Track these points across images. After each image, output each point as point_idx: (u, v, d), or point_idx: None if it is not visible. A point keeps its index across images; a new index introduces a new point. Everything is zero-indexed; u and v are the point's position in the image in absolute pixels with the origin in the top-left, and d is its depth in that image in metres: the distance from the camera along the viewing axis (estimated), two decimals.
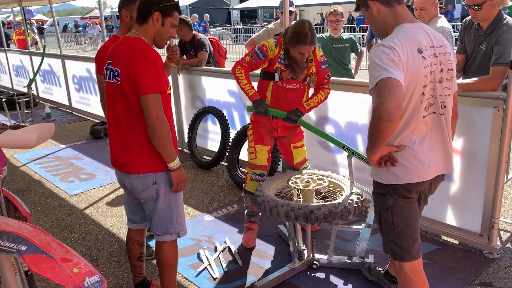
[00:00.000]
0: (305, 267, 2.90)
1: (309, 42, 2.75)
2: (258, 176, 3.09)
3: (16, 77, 10.33)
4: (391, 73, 1.74)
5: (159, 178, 2.24)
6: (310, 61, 2.95)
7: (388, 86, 1.73)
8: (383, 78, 1.74)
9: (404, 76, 1.78)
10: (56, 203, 4.19)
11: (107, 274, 2.97)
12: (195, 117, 5.05)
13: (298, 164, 3.17)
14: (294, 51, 2.81)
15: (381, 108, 1.72)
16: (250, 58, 2.91)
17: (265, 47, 2.89)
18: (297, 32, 2.75)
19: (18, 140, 1.95)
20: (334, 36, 4.55)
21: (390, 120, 1.71)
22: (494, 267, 2.86)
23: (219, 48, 5.61)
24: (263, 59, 2.89)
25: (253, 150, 3.08)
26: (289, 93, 2.95)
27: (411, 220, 2.01)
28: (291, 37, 2.78)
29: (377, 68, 1.77)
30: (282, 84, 2.93)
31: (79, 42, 25.86)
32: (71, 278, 1.41)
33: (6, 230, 1.49)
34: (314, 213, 2.47)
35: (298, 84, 2.95)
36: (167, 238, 2.35)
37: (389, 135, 1.79)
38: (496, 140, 2.77)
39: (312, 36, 2.75)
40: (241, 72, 2.94)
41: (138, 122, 2.16)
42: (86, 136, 6.52)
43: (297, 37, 2.75)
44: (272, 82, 2.94)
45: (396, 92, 1.72)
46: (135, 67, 2.07)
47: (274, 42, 2.89)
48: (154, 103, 2.09)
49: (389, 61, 1.76)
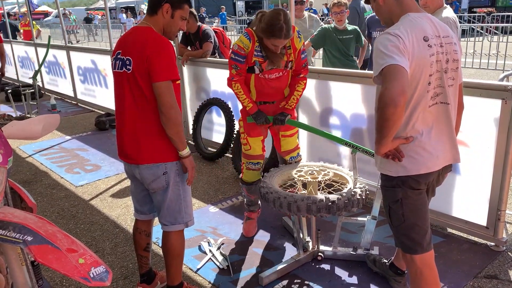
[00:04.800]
0: (309, 259, 2.90)
1: (283, 36, 2.67)
2: (254, 165, 3.10)
3: (22, 69, 10.35)
4: (396, 59, 1.73)
5: (169, 168, 2.25)
6: (289, 48, 2.87)
7: (393, 72, 1.72)
8: (388, 65, 1.73)
9: (409, 63, 1.76)
10: (62, 194, 4.21)
11: (113, 264, 2.98)
12: (200, 109, 5.04)
13: (284, 152, 3.16)
14: (268, 42, 2.75)
15: (386, 94, 1.71)
16: (234, 68, 2.85)
17: (239, 47, 2.81)
18: (272, 24, 2.65)
19: (23, 131, 1.96)
20: (339, 27, 4.52)
21: (395, 106, 1.69)
22: (499, 259, 2.85)
23: (224, 39, 5.58)
24: (244, 60, 2.83)
25: (246, 141, 3.08)
26: (272, 83, 2.93)
27: (421, 211, 2.00)
28: (266, 28, 2.68)
29: (382, 55, 1.76)
30: (264, 75, 2.89)
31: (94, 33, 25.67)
32: (77, 269, 1.42)
33: (12, 221, 1.50)
34: (316, 204, 2.46)
35: (280, 72, 2.91)
36: (175, 228, 2.35)
37: (396, 123, 1.76)
38: (503, 132, 2.74)
39: (287, 29, 2.66)
40: (237, 86, 2.89)
41: (148, 112, 2.16)
42: (91, 128, 6.53)
43: (271, 30, 2.66)
44: (253, 75, 2.90)
45: (400, 78, 1.71)
46: (148, 55, 2.07)
47: (246, 38, 2.81)
48: (168, 91, 2.09)
49: (394, 48, 1.75)
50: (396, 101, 1.68)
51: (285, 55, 2.87)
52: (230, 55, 2.88)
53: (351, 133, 3.67)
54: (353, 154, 2.74)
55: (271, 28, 2.66)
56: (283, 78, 2.95)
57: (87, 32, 25.57)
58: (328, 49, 4.65)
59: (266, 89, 2.94)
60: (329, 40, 4.55)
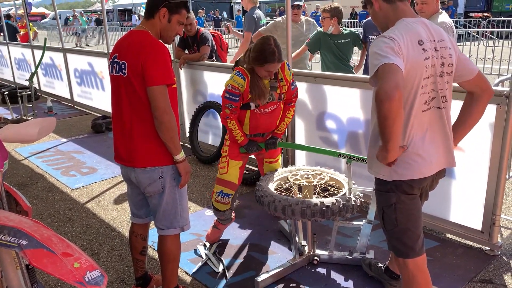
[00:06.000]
0: (305, 263, 2.90)
1: (277, 60, 2.68)
2: (223, 197, 3.01)
3: (18, 71, 10.32)
4: (391, 59, 1.74)
5: (165, 172, 2.24)
6: (281, 80, 2.89)
7: (387, 70, 1.72)
8: (382, 64, 1.74)
9: (404, 65, 1.77)
10: (58, 197, 4.20)
11: (108, 268, 2.98)
12: (197, 112, 5.04)
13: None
14: (261, 70, 2.74)
15: (380, 90, 1.69)
16: (229, 107, 2.83)
17: (233, 87, 2.79)
18: (263, 50, 2.66)
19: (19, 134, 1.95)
20: (333, 32, 4.53)
21: (390, 99, 1.65)
22: (494, 264, 2.86)
23: (221, 42, 5.60)
24: (239, 98, 2.81)
25: (225, 164, 3.01)
26: (267, 116, 2.95)
27: (414, 216, 2.01)
28: (258, 56, 2.69)
29: (377, 56, 1.78)
30: (260, 110, 2.90)
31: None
32: (72, 273, 1.41)
33: (7, 225, 1.49)
34: (311, 208, 2.47)
35: (275, 104, 2.94)
36: (171, 232, 2.35)
37: (395, 121, 1.70)
38: (498, 137, 2.76)
39: (279, 52, 2.68)
40: (232, 123, 2.88)
41: (144, 115, 2.16)
42: (87, 130, 6.52)
43: (264, 56, 2.67)
44: (249, 111, 2.90)
45: (394, 74, 1.70)
46: (143, 59, 2.07)
47: (239, 77, 2.79)
48: (161, 95, 2.09)
49: (389, 49, 1.76)
50: (391, 95, 1.65)
51: (278, 88, 2.88)
52: (224, 94, 2.84)
53: (347, 137, 3.68)
54: (348, 164, 2.75)
55: (263, 54, 2.67)
56: (277, 110, 2.99)
57: (99, 34, 25.14)
58: (324, 53, 4.66)
59: (261, 122, 2.96)
60: (324, 44, 4.56)
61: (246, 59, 2.81)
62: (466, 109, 2.09)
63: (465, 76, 2.02)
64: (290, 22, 3.85)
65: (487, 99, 2.06)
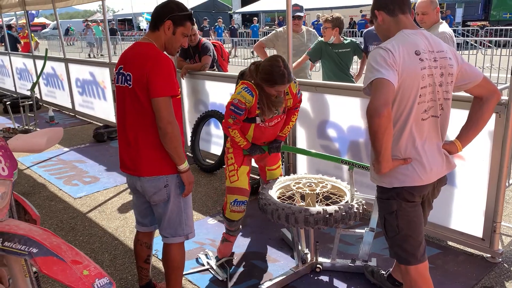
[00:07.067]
0: (308, 271, 2.92)
1: (286, 81, 2.71)
2: (238, 206, 2.99)
3: (20, 80, 10.38)
4: (382, 73, 1.81)
5: (170, 181, 2.27)
6: (287, 94, 2.93)
7: (378, 86, 1.81)
8: (374, 79, 1.83)
9: (398, 76, 1.84)
10: (60, 206, 4.22)
11: (112, 277, 2.98)
12: (198, 121, 5.08)
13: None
14: (270, 89, 2.75)
15: (369, 106, 1.80)
16: (232, 119, 2.83)
17: (239, 101, 2.77)
18: (273, 72, 2.67)
19: (28, 144, 1.99)
20: (334, 41, 4.58)
21: (379, 116, 1.76)
22: (495, 271, 2.88)
23: (222, 52, 5.66)
24: (243, 112, 2.81)
25: (235, 172, 2.99)
26: (271, 129, 2.99)
27: (415, 223, 2.04)
28: (267, 78, 2.69)
29: (371, 69, 1.87)
30: (265, 124, 2.93)
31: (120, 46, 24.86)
32: (81, 280, 1.44)
33: (18, 233, 1.52)
34: (314, 216, 2.49)
35: (279, 117, 2.98)
36: (175, 240, 2.37)
37: (384, 135, 1.80)
38: (498, 146, 2.80)
39: (288, 73, 2.70)
40: (235, 132, 2.89)
41: (149, 125, 2.19)
42: (89, 140, 6.55)
43: (274, 78, 2.68)
44: (253, 124, 2.92)
45: (383, 90, 1.79)
46: (147, 71, 2.11)
47: (248, 94, 2.77)
48: (165, 106, 2.12)
49: (382, 61, 1.84)
50: (379, 111, 1.76)
51: (283, 102, 2.90)
52: (229, 106, 2.82)
53: (348, 145, 3.72)
54: (350, 170, 2.79)
55: (272, 76, 2.68)
56: (281, 122, 3.04)
57: (112, 44, 24.63)
58: (325, 62, 4.71)
59: (265, 134, 3.00)
60: (325, 53, 4.61)
61: (253, 74, 2.80)
62: (476, 113, 2.11)
63: (473, 81, 2.06)
64: (291, 32, 3.89)
65: (495, 101, 2.11)
